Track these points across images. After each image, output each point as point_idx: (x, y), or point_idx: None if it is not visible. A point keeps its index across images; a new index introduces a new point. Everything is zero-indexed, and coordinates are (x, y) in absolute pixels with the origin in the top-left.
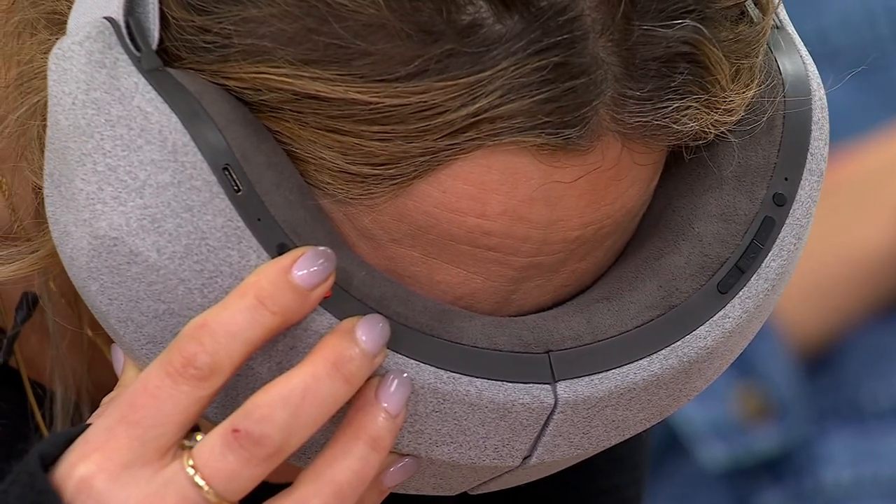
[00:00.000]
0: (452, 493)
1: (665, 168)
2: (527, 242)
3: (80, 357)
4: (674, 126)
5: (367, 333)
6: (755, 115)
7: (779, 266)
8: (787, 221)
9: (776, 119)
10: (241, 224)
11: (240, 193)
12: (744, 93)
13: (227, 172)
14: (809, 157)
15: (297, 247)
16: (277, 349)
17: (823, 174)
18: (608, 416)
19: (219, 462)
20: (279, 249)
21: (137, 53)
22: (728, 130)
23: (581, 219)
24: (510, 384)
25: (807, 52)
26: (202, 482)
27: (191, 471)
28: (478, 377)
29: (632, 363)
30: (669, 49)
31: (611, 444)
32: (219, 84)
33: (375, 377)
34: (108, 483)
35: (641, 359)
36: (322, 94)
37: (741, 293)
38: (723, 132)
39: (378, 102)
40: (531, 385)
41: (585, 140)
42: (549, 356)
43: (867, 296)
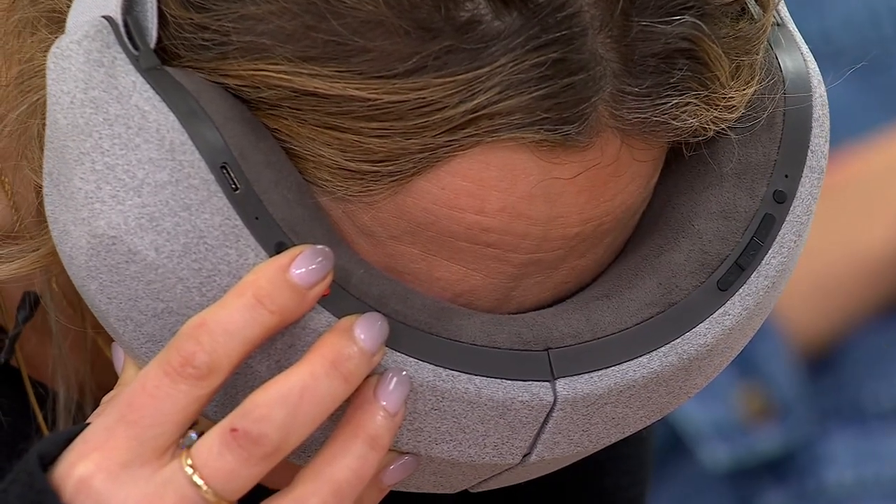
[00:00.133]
0: (452, 491)
1: (665, 165)
2: (526, 239)
3: (83, 357)
4: (673, 122)
5: (366, 332)
6: (755, 112)
7: (779, 263)
8: (788, 219)
9: (776, 116)
10: (239, 223)
11: (238, 192)
12: (744, 90)
13: (225, 171)
14: (810, 155)
15: (296, 245)
16: (276, 348)
17: (824, 171)
18: (608, 414)
19: (217, 461)
20: (277, 248)
21: (135, 52)
22: (728, 127)
23: (580, 215)
24: (509, 382)
25: (807, 49)
26: (201, 481)
27: (189, 470)
28: (477, 375)
29: (631, 360)
30: (668, 45)
31: (611, 442)
32: (217, 82)
33: (374, 375)
34: (107, 483)
35: (641, 356)
36: (320, 91)
37: (741, 290)
38: (723, 129)
39: (376, 99)
40: (530, 382)
41: (584, 136)
42: (549, 353)
43: (870, 296)
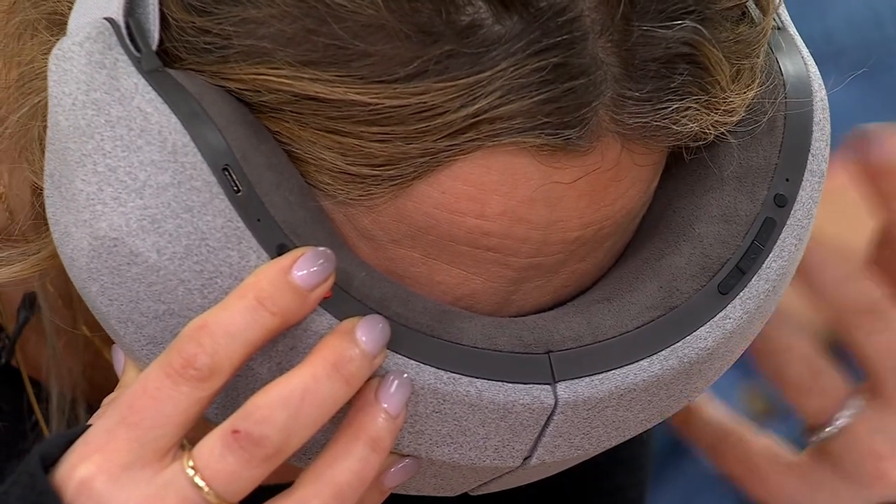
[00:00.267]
0: (453, 494)
1: (665, 169)
2: (526, 243)
3: (77, 357)
4: (673, 127)
5: (367, 334)
6: (756, 116)
7: (779, 267)
8: (788, 222)
9: (777, 120)
10: (241, 225)
11: (240, 194)
12: (744, 93)
13: (227, 173)
14: (811, 158)
15: (297, 247)
16: (277, 350)
17: (825, 175)
18: (608, 417)
19: (219, 463)
20: (279, 250)
21: (137, 54)
22: (729, 131)
23: (581, 219)
24: (510, 385)
25: (808, 53)
26: (202, 483)
27: (191, 472)
28: (478, 378)
29: (632, 364)
30: (669, 50)
31: (611, 445)
32: (219, 85)
33: (375, 378)
34: (108, 484)
35: (642, 359)
36: (321, 96)
37: (742, 294)
38: (723, 133)
39: (377, 103)
40: (531, 385)
41: (585, 141)
42: (550, 357)
43: (874, 262)
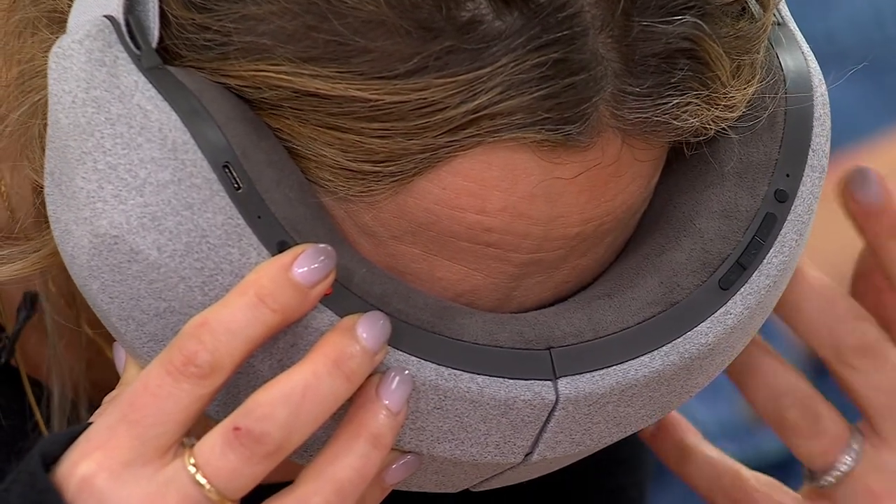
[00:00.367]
0: (454, 491)
1: (666, 164)
2: (527, 239)
3: (78, 355)
4: (674, 122)
5: (368, 330)
6: (756, 112)
7: (780, 262)
8: (789, 218)
9: (777, 115)
10: (242, 222)
11: (240, 191)
12: (745, 89)
13: (228, 170)
14: (811, 154)
15: (298, 244)
16: (278, 347)
17: (825, 170)
18: (609, 413)
19: (220, 460)
20: (279, 247)
21: (137, 52)
22: (729, 127)
23: (581, 215)
24: (511, 381)
25: (808, 48)
26: (203, 480)
27: (192, 469)
28: (479, 374)
29: (633, 359)
30: (669, 45)
31: (612, 441)
32: (219, 82)
33: (376, 374)
34: (110, 482)
35: (643, 355)
36: (322, 92)
37: (742, 290)
38: (724, 128)
39: (378, 100)
40: (532, 381)
41: (585, 136)
42: (551, 352)
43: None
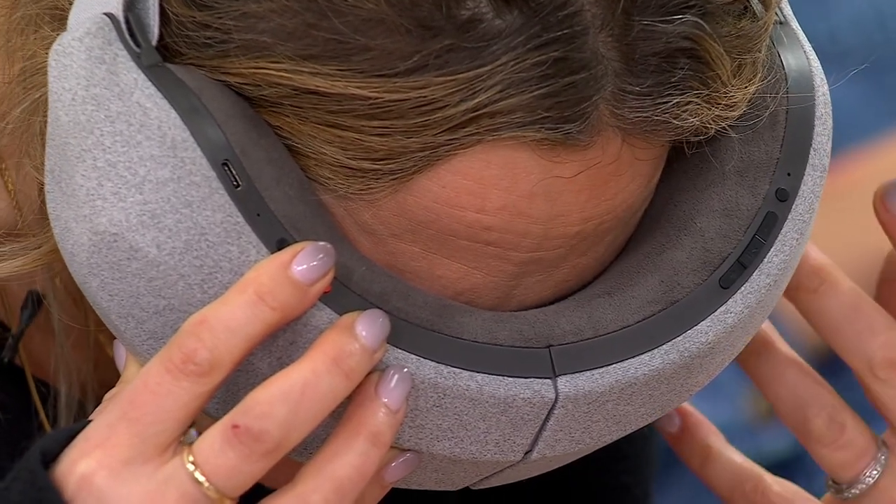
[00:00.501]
0: (454, 488)
1: (667, 163)
2: (527, 237)
3: (86, 354)
4: (674, 121)
5: (367, 328)
6: (757, 111)
7: (781, 261)
8: (790, 217)
9: (779, 114)
10: (241, 219)
11: (239, 189)
12: (746, 88)
13: (227, 168)
14: (812, 153)
15: (297, 242)
16: (277, 344)
17: (826, 169)
18: (609, 411)
19: (219, 458)
20: (279, 245)
21: (137, 49)
22: (730, 126)
23: (581, 214)
24: (511, 379)
25: (810, 48)
26: (202, 478)
27: (191, 467)
28: (478, 372)
29: (633, 358)
30: (670, 44)
31: (612, 439)
32: (219, 79)
33: (375, 372)
34: (109, 480)
35: (642, 353)
36: (321, 90)
37: (743, 288)
38: (724, 127)
39: (377, 98)
40: (532, 379)
41: (585, 135)
42: (550, 351)
43: (878, 298)
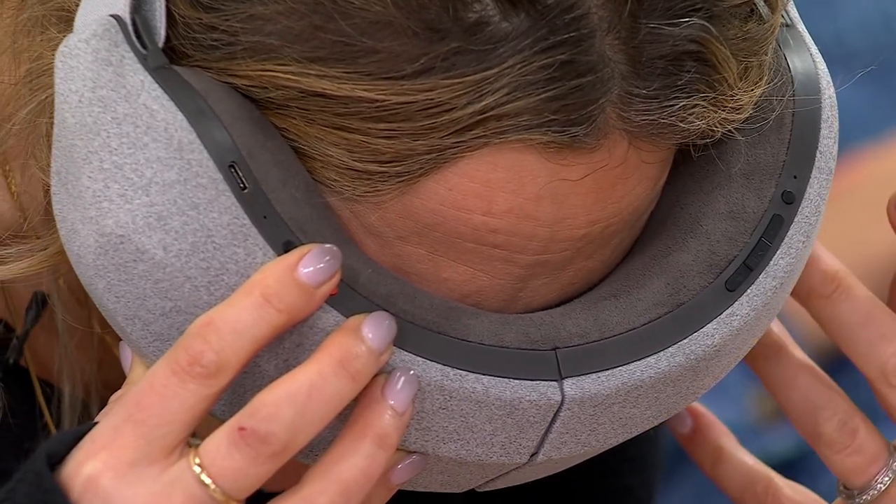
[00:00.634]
0: (460, 491)
1: (673, 166)
2: (533, 240)
3: (90, 355)
4: (681, 124)
5: (374, 331)
6: (764, 113)
7: (787, 264)
8: (796, 219)
9: (785, 117)
10: (247, 222)
11: (246, 191)
12: (752, 91)
13: (233, 170)
14: (818, 156)
15: (304, 244)
16: (284, 347)
17: (833, 172)
18: (615, 414)
19: (225, 460)
20: (285, 247)
21: (144, 51)
22: (736, 128)
23: (588, 217)
24: (517, 381)
25: (817, 50)
26: (208, 480)
27: (197, 469)
28: (484, 374)
29: (639, 360)
30: (676, 47)
31: (618, 442)
32: (225, 82)
33: (382, 375)
34: (115, 481)
35: (649, 356)
36: (328, 92)
37: (749, 291)
38: (731, 130)
39: (384, 100)
40: (538, 382)
41: (592, 138)
42: (556, 353)
43: (884, 298)
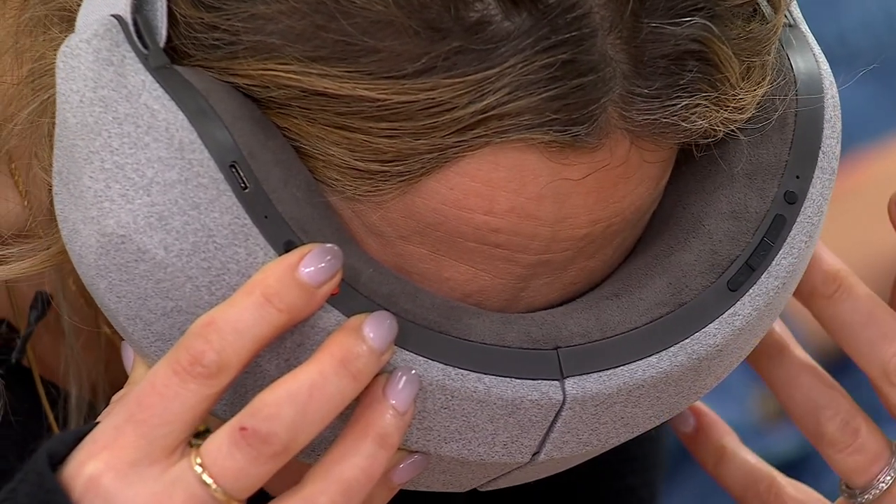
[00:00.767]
0: (461, 490)
1: (675, 166)
2: (535, 240)
3: (96, 355)
4: (683, 124)
5: (375, 330)
6: (766, 113)
7: (789, 264)
8: (798, 219)
9: (788, 117)
10: (248, 221)
11: (247, 191)
12: (754, 90)
13: (234, 170)
14: (821, 156)
15: (305, 244)
16: (285, 346)
17: (835, 172)
18: (617, 413)
19: (226, 460)
20: (286, 247)
21: (145, 51)
22: (739, 128)
23: (589, 216)
24: (519, 381)
25: (819, 50)
26: (210, 480)
27: (198, 469)
28: (486, 374)
29: (641, 360)
30: (678, 47)
31: (620, 441)
32: (227, 81)
33: (383, 374)
34: (116, 481)
35: (650, 356)
36: (330, 91)
37: (751, 291)
38: (733, 130)
39: (386, 99)
40: (540, 381)
41: (593, 137)
42: (558, 352)
43: (886, 298)
